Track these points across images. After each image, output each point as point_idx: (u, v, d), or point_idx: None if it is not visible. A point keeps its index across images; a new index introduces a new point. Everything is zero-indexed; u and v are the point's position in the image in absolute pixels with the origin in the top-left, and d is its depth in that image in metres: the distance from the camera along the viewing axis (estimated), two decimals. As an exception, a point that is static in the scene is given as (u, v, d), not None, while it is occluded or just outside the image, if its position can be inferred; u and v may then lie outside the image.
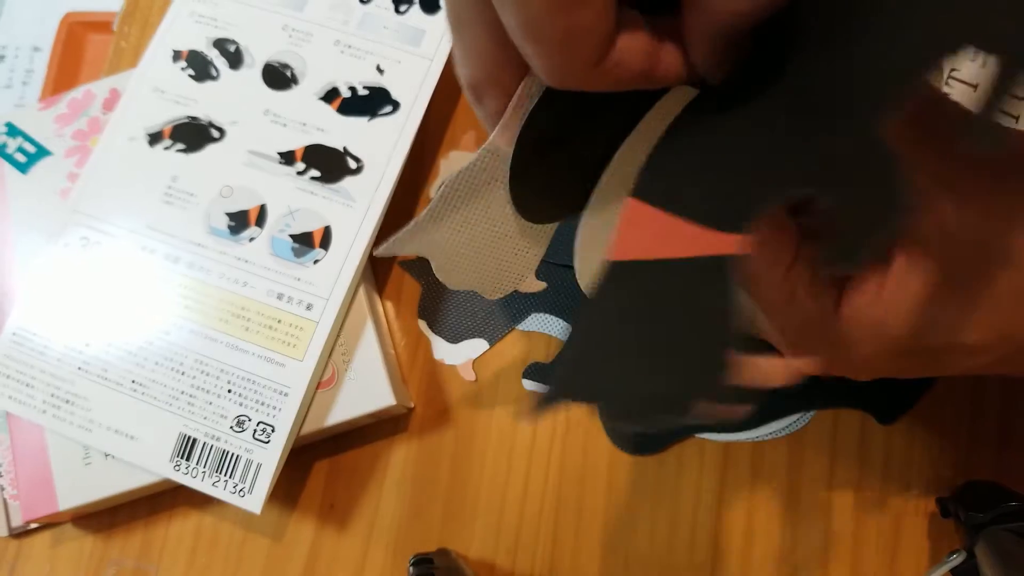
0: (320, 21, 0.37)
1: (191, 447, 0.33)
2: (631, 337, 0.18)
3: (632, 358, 0.17)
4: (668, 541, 0.33)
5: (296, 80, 0.37)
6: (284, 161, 0.36)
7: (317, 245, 0.34)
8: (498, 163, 0.22)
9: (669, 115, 0.21)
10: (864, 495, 0.32)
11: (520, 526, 0.34)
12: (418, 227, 0.22)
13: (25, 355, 0.34)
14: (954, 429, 0.32)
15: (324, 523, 0.35)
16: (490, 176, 0.22)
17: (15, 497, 0.35)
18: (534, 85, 0.20)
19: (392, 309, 0.38)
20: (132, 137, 0.37)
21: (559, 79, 0.17)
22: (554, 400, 0.18)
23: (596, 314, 0.19)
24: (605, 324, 0.18)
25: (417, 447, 0.36)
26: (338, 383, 0.34)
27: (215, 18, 0.38)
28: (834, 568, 0.32)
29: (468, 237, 0.23)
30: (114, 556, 0.36)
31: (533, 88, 0.20)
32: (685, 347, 0.17)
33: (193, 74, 0.37)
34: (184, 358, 0.34)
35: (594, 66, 0.17)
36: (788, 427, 0.33)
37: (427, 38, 0.37)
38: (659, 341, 0.17)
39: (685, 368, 0.16)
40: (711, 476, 0.33)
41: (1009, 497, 0.28)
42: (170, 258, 0.35)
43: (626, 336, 0.18)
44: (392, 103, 0.36)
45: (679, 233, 0.18)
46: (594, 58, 0.17)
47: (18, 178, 0.39)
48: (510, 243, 0.24)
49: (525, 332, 0.36)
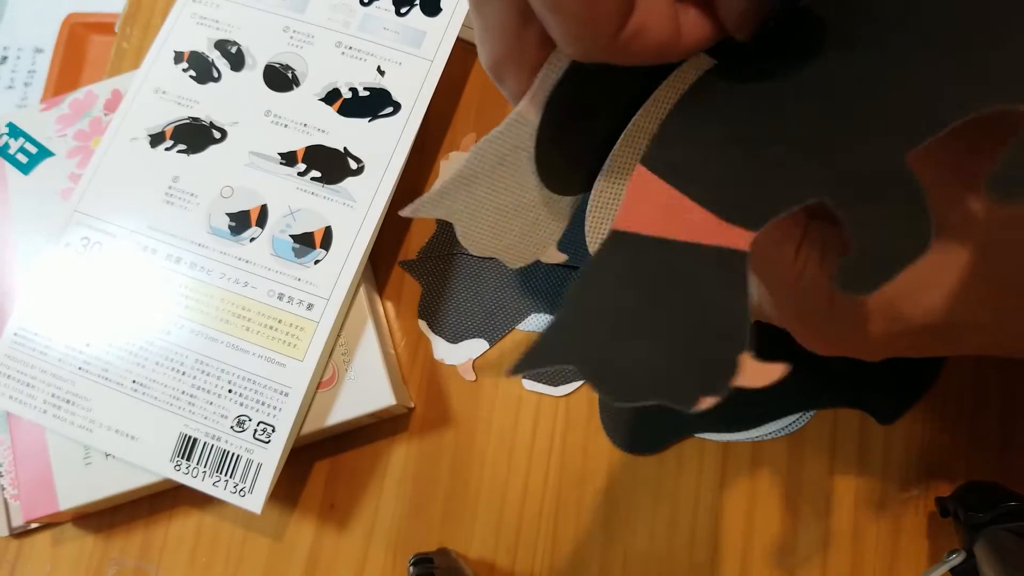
0: (321, 23, 0.38)
1: (191, 447, 0.33)
2: (634, 314, 0.17)
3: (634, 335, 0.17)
4: (668, 540, 0.33)
5: (297, 81, 0.37)
6: (285, 162, 0.36)
7: (318, 245, 0.35)
8: (525, 132, 0.22)
9: (684, 84, 0.21)
10: (863, 495, 0.32)
11: (520, 526, 0.34)
12: (444, 191, 0.22)
13: (26, 355, 0.34)
14: (954, 429, 0.33)
15: (324, 523, 0.35)
16: (516, 144, 0.22)
17: (15, 497, 0.35)
18: (561, 56, 0.20)
19: (392, 309, 0.38)
20: (134, 138, 0.37)
21: (582, 51, 0.18)
22: (543, 359, 0.17)
23: (597, 283, 0.18)
24: (607, 295, 0.18)
25: (417, 447, 0.36)
26: (338, 383, 0.34)
27: (217, 20, 0.38)
28: (833, 567, 0.32)
29: (493, 204, 0.23)
30: (115, 556, 0.36)
31: (560, 59, 0.20)
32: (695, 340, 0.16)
33: (195, 75, 0.37)
34: (185, 358, 0.34)
35: (615, 35, 0.17)
36: (788, 427, 0.33)
37: (428, 40, 0.37)
38: (664, 325, 0.17)
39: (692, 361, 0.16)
40: (711, 476, 0.33)
41: (1009, 497, 0.28)
42: (171, 258, 0.35)
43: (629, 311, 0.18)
44: (393, 104, 0.36)
45: (689, 216, 0.18)
46: (614, 26, 0.17)
47: (20, 178, 0.39)
48: (533, 213, 0.24)
49: (525, 332, 0.36)
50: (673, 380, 0.16)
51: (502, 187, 0.23)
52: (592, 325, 0.18)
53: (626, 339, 0.17)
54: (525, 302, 0.36)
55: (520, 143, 0.22)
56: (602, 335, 0.17)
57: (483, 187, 0.23)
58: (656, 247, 0.18)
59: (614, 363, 0.17)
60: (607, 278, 0.18)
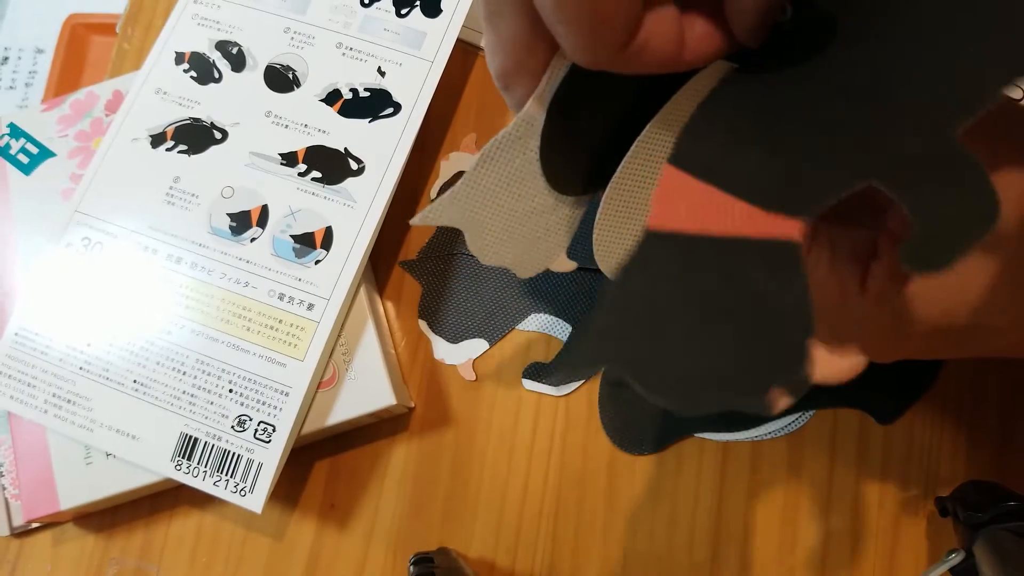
0: (322, 24, 0.38)
1: (192, 447, 0.33)
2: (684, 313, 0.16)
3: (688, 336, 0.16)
4: (667, 540, 0.33)
5: (298, 82, 0.37)
6: (286, 162, 0.36)
7: (318, 246, 0.35)
8: (532, 132, 0.22)
9: (703, 92, 0.21)
10: (863, 494, 0.32)
11: (520, 526, 0.34)
12: (455, 196, 0.22)
13: (27, 355, 0.34)
14: (953, 429, 0.33)
15: (325, 522, 0.36)
16: (524, 146, 0.22)
17: (16, 496, 0.35)
18: (564, 58, 0.20)
19: (392, 309, 0.38)
20: (135, 138, 0.37)
21: (589, 60, 0.18)
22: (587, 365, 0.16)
23: (637, 285, 0.17)
24: (649, 296, 0.17)
25: (417, 447, 0.36)
26: (339, 383, 0.34)
27: (218, 21, 0.38)
28: (833, 566, 0.32)
29: (502, 210, 0.23)
30: (115, 555, 0.36)
31: (563, 60, 0.20)
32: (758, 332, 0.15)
33: (196, 76, 0.37)
34: (185, 358, 0.34)
35: (622, 48, 0.18)
36: (787, 427, 0.33)
37: (428, 41, 0.37)
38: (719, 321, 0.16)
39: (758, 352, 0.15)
40: (710, 475, 0.33)
41: (1008, 496, 0.28)
42: (172, 258, 0.35)
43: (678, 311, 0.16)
44: (393, 105, 0.36)
45: (729, 210, 0.17)
46: (621, 40, 0.18)
47: (21, 179, 0.39)
48: (542, 219, 0.24)
49: (525, 332, 0.36)
50: (741, 377, 0.15)
51: (511, 191, 0.23)
52: (638, 328, 0.17)
53: (679, 340, 0.16)
54: (525, 302, 0.36)
55: (527, 145, 0.22)
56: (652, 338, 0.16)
57: (492, 192, 0.23)
58: (698, 243, 0.17)
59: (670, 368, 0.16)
60: (647, 278, 0.17)
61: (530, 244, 0.25)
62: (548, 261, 0.26)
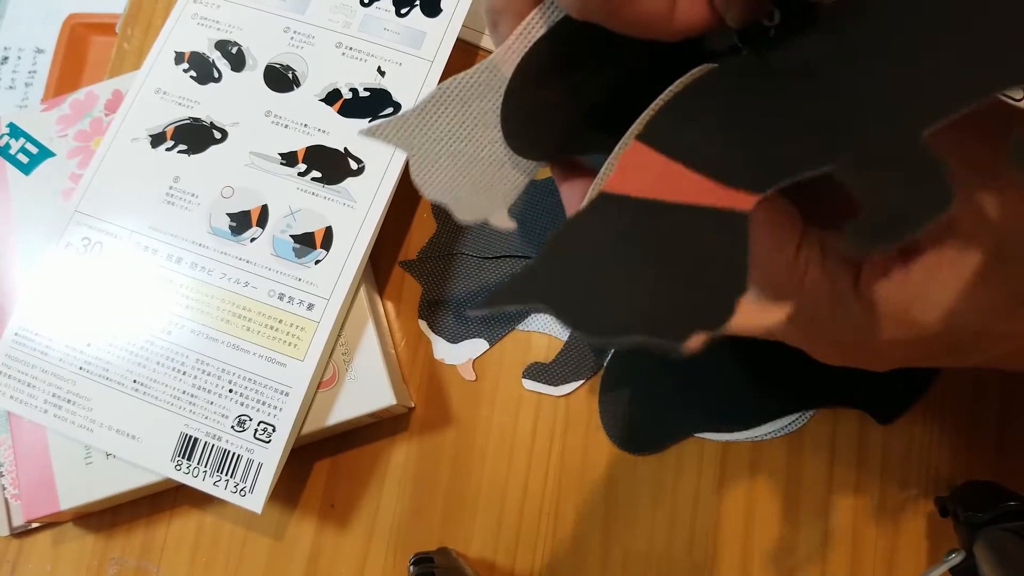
0: (322, 23, 0.38)
1: (192, 447, 0.33)
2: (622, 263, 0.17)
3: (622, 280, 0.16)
4: (667, 540, 0.33)
5: (298, 82, 0.37)
6: (286, 162, 0.36)
7: (318, 245, 0.35)
8: (494, 82, 0.21)
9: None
10: (863, 494, 0.32)
11: (520, 525, 0.34)
12: (403, 120, 0.22)
13: (27, 355, 0.34)
14: (953, 429, 0.33)
15: (325, 522, 0.36)
16: (483, 92, 0.22)
17: (16, 496, 0.35)
18: (546, 15, 0.20)
19: (392, 309, 0.38)
20: (135, 138, 0.37)
21: (578, 5, 0.18)
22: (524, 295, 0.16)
23: (580, 234, 0.18)
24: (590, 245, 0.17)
25: (417, 447, 0.36)
26: (339, 383, 0.34)
27: (217, 20, 0.38)
28: (833, 567, 0.32)
29: (450, 149, 0.23)
30: (115, 555, 0.37)
31: (544, 18, 0.20)
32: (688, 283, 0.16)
33: (195, 76, 0.37)
34: (185, 358, 0.34)
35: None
36: (787, 427, 0.33)
37: (428, 40, 0.37)
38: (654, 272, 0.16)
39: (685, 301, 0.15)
40: (710, 476, 0.33)
41: (1008, 497, 0.28)
42: (172, 258, 0.35)
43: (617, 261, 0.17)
44: (393, 105, 0.36)
45: (686, 180, 0.17)
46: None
47: (21, 179, 0.39)
48: (491, 169, 0.24)
49: (525, 332, 0.36)
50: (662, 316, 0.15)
51: (463, 133, 0.22)
52: (573, 270, 0.17)
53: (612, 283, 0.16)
54: (525, 302, 0.36)
55: (487, 92, 0.22)
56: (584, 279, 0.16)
57: (443, 127, 0.22)
58: (649, 207, 0.17)
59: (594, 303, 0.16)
60: (591, 230, 0.18)
61: (474, 189, 0.24)
62: (490, 213, 0.25)
